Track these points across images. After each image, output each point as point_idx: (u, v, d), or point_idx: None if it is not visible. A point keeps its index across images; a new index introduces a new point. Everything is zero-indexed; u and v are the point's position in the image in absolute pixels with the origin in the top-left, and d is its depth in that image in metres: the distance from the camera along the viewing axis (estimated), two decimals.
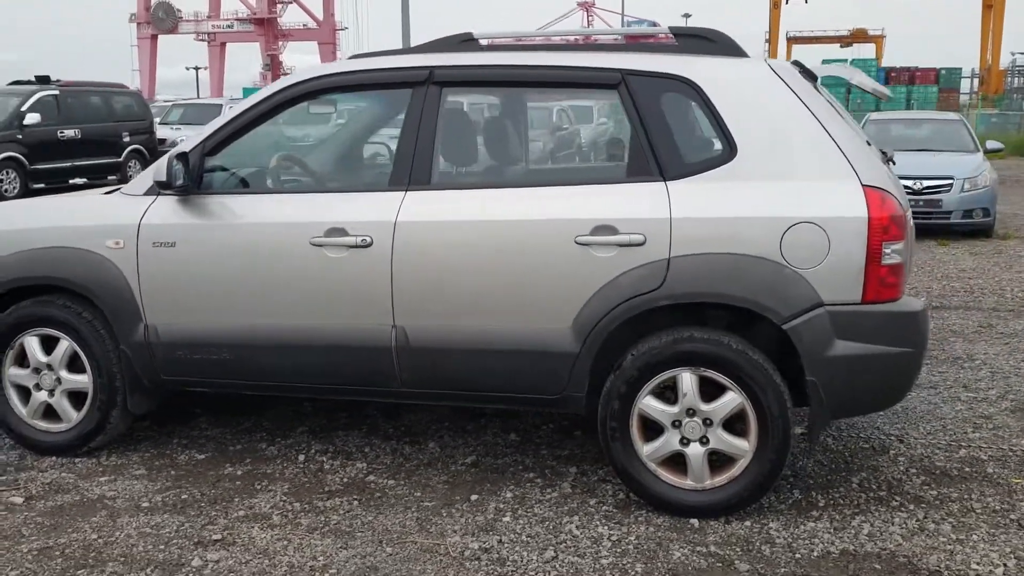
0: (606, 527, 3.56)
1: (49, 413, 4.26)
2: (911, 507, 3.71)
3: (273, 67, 70.57)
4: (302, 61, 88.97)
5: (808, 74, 3.81)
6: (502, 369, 3.76)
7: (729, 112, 3.59)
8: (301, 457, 4.25)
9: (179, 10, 73.39)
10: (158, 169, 3.91)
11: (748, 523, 3.58)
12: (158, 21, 72.77)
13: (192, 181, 3.90)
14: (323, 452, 4.31)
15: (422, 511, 3.69)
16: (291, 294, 3.87)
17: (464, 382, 3.85)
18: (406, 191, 3.80)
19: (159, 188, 3.93)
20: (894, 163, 4.28)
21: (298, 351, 3.92)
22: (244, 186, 4.14)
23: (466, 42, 4.01)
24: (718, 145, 3.62)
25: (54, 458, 4.23)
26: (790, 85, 3.60)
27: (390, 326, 3.79)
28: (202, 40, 75.71)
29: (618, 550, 3.38)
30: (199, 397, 4.73)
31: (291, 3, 74.83)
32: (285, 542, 3.43)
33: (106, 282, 4.04)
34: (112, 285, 4.04)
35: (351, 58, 4.12)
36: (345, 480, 4.00)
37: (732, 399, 3.54)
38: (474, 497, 3.83)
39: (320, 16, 73.84)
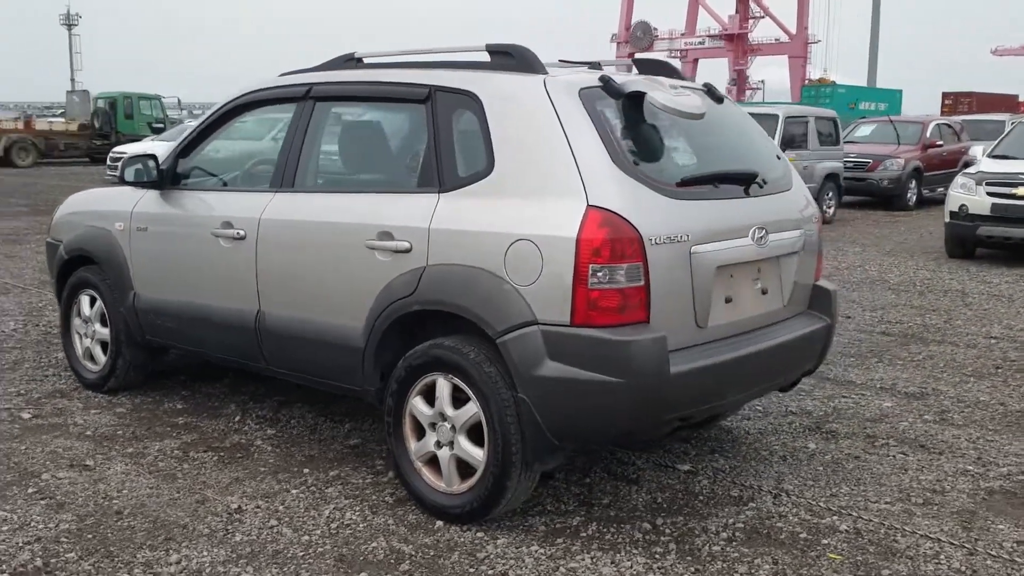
0: (359, 514, 3.74)
1: (90, 357, 5.41)
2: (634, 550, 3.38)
3: (739, 82, 71.26)
4: (769, 75, 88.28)
5: (613, 91, 3.59)
6: (322, 357, 4.09)
7: (495, 128, 3.57)
8: (235, 419, 4.92)
9: (655, 28, 77.09)
10: (124, 169, 4.81)
11: (481, 534, 3.54)
12: (636, 40, 77.01)
13: (159, 178, 4.76)
14: (260, 418, 4.93)
15: (245, 472, 4.16)
16: (200, 276, 4.58)
17: (303, 365, 4.24)
18: (276, 192, 4.29)
19: (120, 183, 4.84)
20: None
21: (208, 325, 4.60)
22: (190, 183, 4.88)
23: (349, 60, 4.39)
24: (484, 160, 3.60)
25: (89, 393, 5.35)
26: (555, 103, 3.46)
27: (256, 310, 4.31)
28: (675, 56, 78.75)
29: (338, 528, 3.57)
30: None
31: (763, 18, 74.77)
32: (125, 476, 4.11)
33: (112, 256, 5.07)
34: (115, 259, 5.06)
35: (280, 75, 4.67)
36: (237, 440, 4.59)
37: (470, 408, 3.53)
38: (306, 471, 4.20)
39: (793, 30, 72.82)
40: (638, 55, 4.76)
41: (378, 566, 3.31)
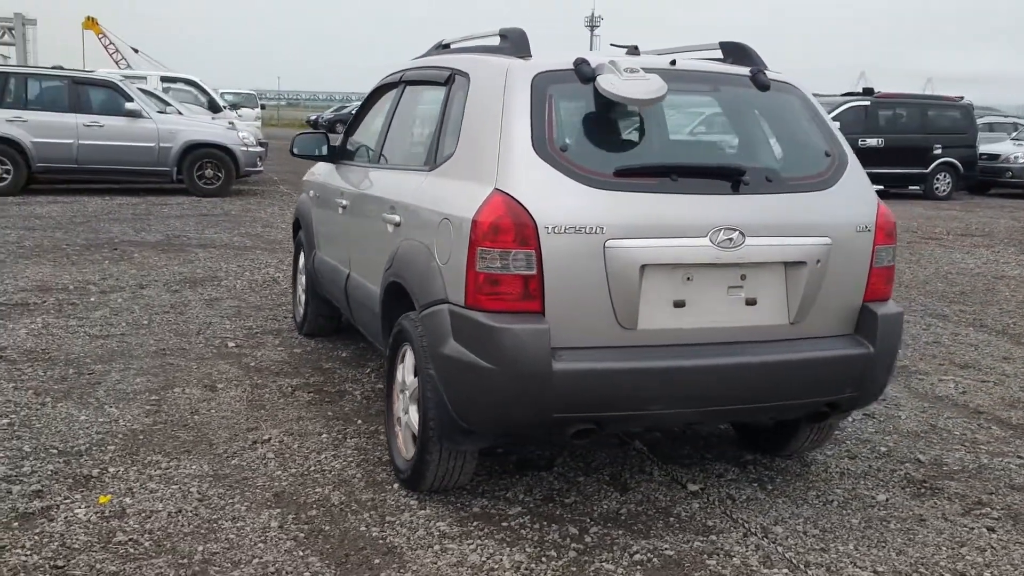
0: (343, 464, 4.07)
1: (300, 303, 6.34)
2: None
3: None
4: None
5: (582, 76, 3.43)
6: (367, 319, 4.48)
7: (468, 109, 3.63)
8: (365, 371, 5.47)
9: None
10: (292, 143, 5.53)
11: (415, 503, 3.68)
12: None
13: (329, 153, 5.44)
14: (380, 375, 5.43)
15: (312, 414, 4.69)
16: (332, 241, 5.20)
17: (364, 325, 4.66)
18: (368, 168, 4.77)
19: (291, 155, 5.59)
20: None
21: (334, 286, 5.18)
22: (344, 158, 5.44)
23: (439, 47, 4.65)
24: (456, 140, 3.66)
25: (293, 334, 6.29)
26: (506, 87, 3.41)
27: (347, 273, 4.84)
28: None
29: (310, 472, 3.95)
30: None
31: None
32: (229, 399, 4.88)
33: (306, 220, 5.92)
34: (307, 222, 5.90)
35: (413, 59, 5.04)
36: (340, 388, 5.14)
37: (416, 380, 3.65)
38: (355, 423, 4.62)
39: None
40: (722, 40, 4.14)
41: (297, 506, 3.61)
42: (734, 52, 3.95)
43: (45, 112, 14.13)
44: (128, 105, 14.30)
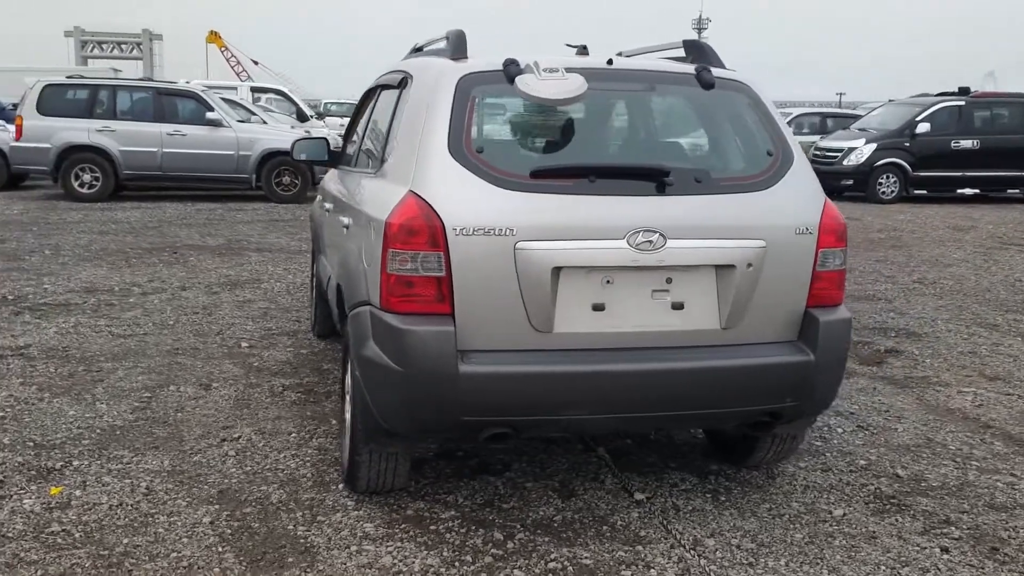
0: (297, 463, 4.13)
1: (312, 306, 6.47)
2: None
3: None
4: None
5: (509, 77, 3.40)
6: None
7: (405, 112, 3.64)
8: None
9: None
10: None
11: (352, 504, 3.70)
12: None
13: (329, 158, 5.54)
14: None
15: (291, 413, 4.77)
16: (325, 244, 5.27)
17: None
18: (342, 170, 4.82)
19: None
20: None
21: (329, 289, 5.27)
22: (340, 162, 5.52)
23: (414, 50, 4.67)
24: (393, 142, 3.67)
25: (307, 335, 6.40)
26: (434, 89, 3.41)
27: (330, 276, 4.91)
28: None
29: (265, 471, 4.02)
30: None
31: None
32: (218, 398, 5.01)
33: (313, 223, 6.03)
34: (313, 225, 6.01)
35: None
36: (328, 389, 5.21)
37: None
38: (328, 424, 4.67)
39: None
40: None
41: (236, 504, 3.68)
42: (694, 51, 3.85)
43: (131, 122, 14.78)
44: (209, 114, 14.84)
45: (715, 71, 3.62)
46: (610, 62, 3.56)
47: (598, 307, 3.23)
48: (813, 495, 3.88)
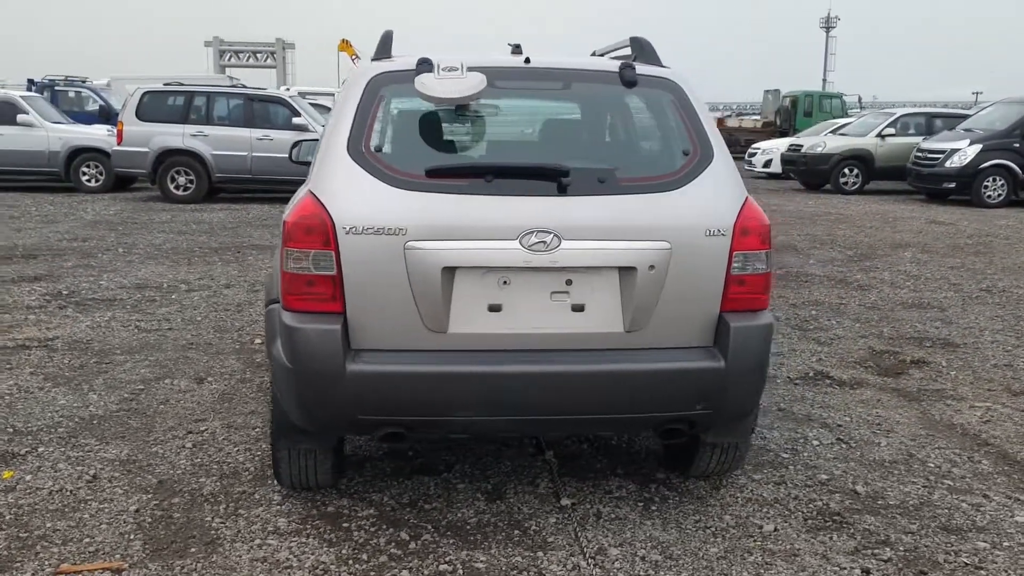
0: (246, 457, 4.22)
1: None
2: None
3: None
4: None
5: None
6: None
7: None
8: None
9: None
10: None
11: (278, 498, 3.76)
12: None
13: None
14: None
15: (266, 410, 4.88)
16: None
17: None
18: None
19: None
20: None
21: None
22: None
23: None
24: None
25: None
26: (348, 89, 3.43)
27: None
28: None
29: (211, 464, 4.13)
30: None
31: None
32: (203, 391, 5.17)
33: None
34: None
35: None
36: None
37: None
38: None
39: None
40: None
41: (168, 494, 3.78)
42: (638, 48, 3.75)
43: (223, 127, 15.40)
44: (295, 120, 15.31)
45: (641, 68, 3.51)
46: (527, 60, 3.50)
47: (495, 308, 3.18)
48: (751, 508, 3.71)
